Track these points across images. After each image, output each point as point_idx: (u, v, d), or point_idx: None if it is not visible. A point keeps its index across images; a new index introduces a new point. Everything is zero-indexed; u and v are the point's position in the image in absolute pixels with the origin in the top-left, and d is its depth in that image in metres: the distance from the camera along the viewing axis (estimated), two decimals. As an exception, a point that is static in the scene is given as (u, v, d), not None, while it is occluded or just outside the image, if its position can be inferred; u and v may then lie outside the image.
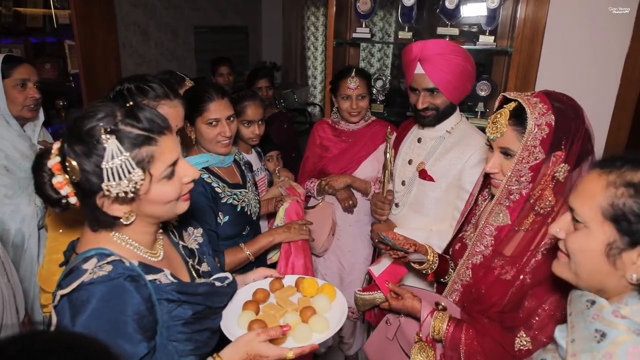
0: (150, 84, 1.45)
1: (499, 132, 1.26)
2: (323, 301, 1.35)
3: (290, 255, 1.97)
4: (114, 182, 0.94)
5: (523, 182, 1.26)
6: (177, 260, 1.25)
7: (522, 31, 2.37)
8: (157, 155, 1.00)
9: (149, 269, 1.07)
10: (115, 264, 0.99)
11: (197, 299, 1.14)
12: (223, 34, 7.41)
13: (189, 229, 1.36)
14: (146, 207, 1.03)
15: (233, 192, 1.87)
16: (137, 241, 1.09)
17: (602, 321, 0.85)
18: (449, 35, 2.60)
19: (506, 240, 1.34)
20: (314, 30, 8.61)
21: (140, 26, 5.66)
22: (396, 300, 1.51)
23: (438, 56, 1.77)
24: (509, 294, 1.29)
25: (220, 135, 1.80)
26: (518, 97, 1.25)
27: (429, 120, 1.91)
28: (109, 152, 0.93)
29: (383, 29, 7.69)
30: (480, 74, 2.71)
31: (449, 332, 1.36)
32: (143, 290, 1.01)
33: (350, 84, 2.33)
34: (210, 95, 1.78)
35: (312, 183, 2.52)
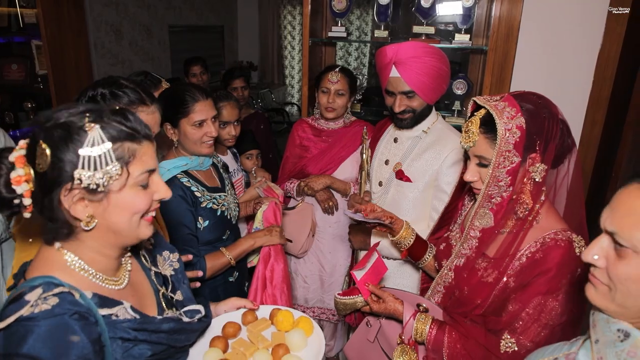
0: (124, 90, 1.38)
1: (471, 141, 1.25)
2: (298, 337, 1.25)
3: (269, 259, 1.93)
4: (87, 172, 0.87)
5: (502, 186, 1.25)
6: (144, 289, 1.14)
7: (497, 29, 2.38)
8: (139, 156, 0.94)
9: (105, 301, 0.96)
10: (62, 297, 0.87)
11: (159, 337, 1.02)
12: (199, 33, 7.31)
13: (164, 253, 1.25)
14: (111, 213, 0.93)
15: (213, 196, 1.84)
16: (94, 266, 0.98)
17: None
18: (424, 34, 2.59)
19: (489, 242, 1.33)
20: (291, 29, 8.57)
21: (113, 26, 5.52)
22: (377, 304, 1.48)
23: (413, 59, 1.75)
24: (491, 296, 1.28)
25: (206, 135, 1.78)
26: (486, 103, 1.24)
27: (406, 122, 1.89)
28: (90, 138, 0.87)
29: (360, 27, 7.70)
30: (456, 73, 2.71)
31: (432, 335, 1.34)
32: (91, 329, 0.89)
33: (331, 77, 2.31)
34: (195, 96, 1.75)
35: (291, 184, 2.49)
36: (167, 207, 1.70)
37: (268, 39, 8.65)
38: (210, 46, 7.65)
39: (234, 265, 1.85)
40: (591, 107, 2.46)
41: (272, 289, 1.90)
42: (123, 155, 0.91)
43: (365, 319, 1.64)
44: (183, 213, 1.72)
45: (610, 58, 2.37)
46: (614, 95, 2.46)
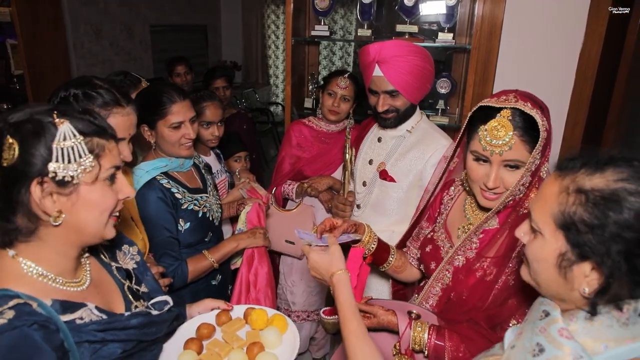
0: (98, 90, 1.32)
1: (507, 145, 1.19)
2: (273, 335, 1.25)
3: (253, 261, 1.89)
4: (62, 164, 0.88)
5: (522, 189, 1.25)
6: (108, 285, 1.12)
7: (480, 28, 2.38)
8: (107, 150, 0.96)
9: (67, 306, 0.94)
10: (19, 309, 0.84)
11: (128, 334, 1.01)
12: (181, 33, 7.22)
13: (123, 247, 1.24)
14: (80, 209, 0.93)
15: (194, 198, 1.79)
16: (53, 270, 0.96)
17: (547, 337, 0.81)
18: (408, 33, 2.58)
19: (492, 242, 1.31)
20: (275, 28, 8.52)
21: (93, 25, 5.42)
22: (369, 320, 1.42)
23: (396, 58, 1.73)
24: (491, 296, 1.26)
25: (184, 137, 1.73)
26: (510, 104, 1.19)
27: (390, 122, 1.87)
28: (61, 132, 0.88)
29: (344, 27, 7.68)
30: (440, 72, 2.71)
31: (432, 342, 1.31)
32: (53, 337, 0.87)
33: (340, 82, 2.31)
34: (172, 97, 1.69)
35: (290, 185, 2.46)
36: (146, 210, 1.65)
37: (252, 38, 8.58)
38: (194, 46, 7.56)
39: (216, 268, 1.81)
40: (573, 106, 2.47)
41: (256, 293, 1.86)
42: (93, 148, 0.93)
43: None
44: (163, 215, 1.68)
45: (591, 58, 2.38)
46: (595, 96, 2.47)
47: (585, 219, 0.76)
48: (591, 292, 0.78)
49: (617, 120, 2.94)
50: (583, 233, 0.77)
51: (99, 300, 1.04)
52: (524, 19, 2.43)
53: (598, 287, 0.77)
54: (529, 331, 0.85)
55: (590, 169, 0.79)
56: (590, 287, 0.78)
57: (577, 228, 0.77)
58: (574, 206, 0.78)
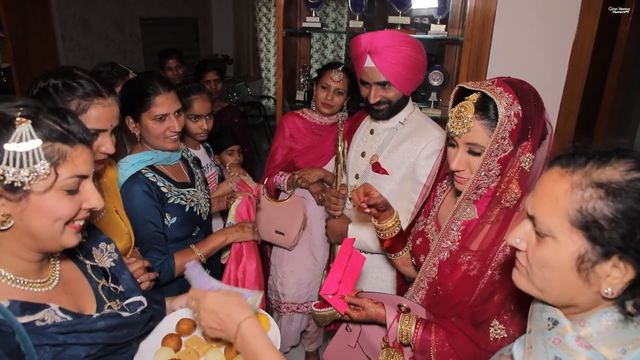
0: (79, 80, 1.28)
1: (465, 127, 1.18)
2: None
3: (242, 257, 1.87)
4: (12, 168, 0.81)
5: (492, 175, 1.22)
6: (80, 286, 1.07)
7: (473, 20, 2.36)
8: (70, 158, 0.88)
9: (27, 307, 0.89)
10: None
11: (94, 337, 0.96)
12: (172, 26, 7.14)
13: (100, 245, 1.18)
14: (31, 216, 0.87)
15: (180, 192, 1.76)
16: (13, 270, 0.91)
17: (564, 348, 0.76)
18: (400, 25, 2.56)
19: (473, 234, 1.29)
20: (266, 21, 8.46)
21: (82, 18, 5.34)
22: (358, 312, 1.42)
23: (388, 48, 1.71)
24: (477, 290, 1.25)
25: (169, 130, 1.69)
26: (481, 88, 1.18)
27: (382, 113, 1.86)
28: (18, 133, 0.82)
29: (335, 20, 7.63)
30: (432, 64, 2.69)
31: (418, 336, 1.30)
32: (7, 341, 0.82)
33: (334, 75, 2.29)
34: (156, 88, 1.65)
35: (281, 177, 2.46)
36: (131, 204, 1.62)
37: (243, 31, 8.51)
38: (185, 39, 7.48)
39: (204, 262, 1.78)
40: (565, 99, 2.47)
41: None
42: (52, 155, 0.86)
43: (345, 324, 1.59)
44: (148, 210, 1.65)
45: (583, 51, 2.37)
46: (587, 88, 2.47)
47: (608, 213, 0.72)
48: (617, 291, 0.74)
49: (609, 114, 2.95)
50: (607, 229, 0.72)
51: (66, 300, 0.99)
52: (517, 11, 2.41)
53: (626, 284, 0.73)
54: (540, 344, 0.80)
55: (597, 162, 0.75)
56: (613, 286, 0.74)
57: (599, 225, 0.72)
58: (592, 202, 0.73)
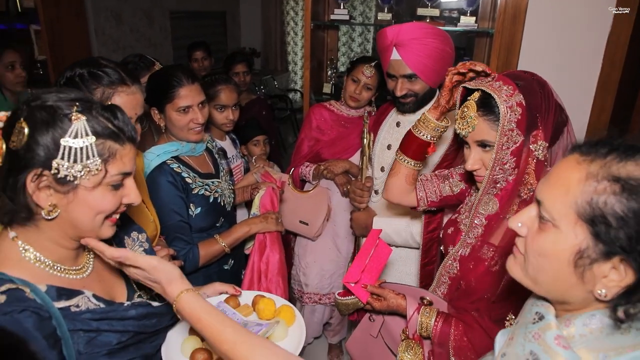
0: (104, 69, 1.32)
1: (470, 126, 1.20)
2: (279, 328, 1.22)
3: (265, 248, 1.89)
4: (66, 163, 0.86)
5: (507, 169, 1.21)
6: (112, 274, 1.11)
7: (504, 11, 2.31)
8: (119, 156, 0.92)
9: (63, 292, 0.93)
10: (11, 295, 0.84)
11: (125, 325, 1.00)
12: (200, 19, 7.22)
13: (132, 234, 1.22)
14: (75, 208, 0.91)
15: (205, 183, 1.79)
16: (51, 257, 0.95)
17: (542, 344, 0.74)
18: (429, 17, 2.53)
19: (494, 228, 1.28)
20: (294, 15, 8.46)
21: (114, 11, 5.46)
22: (379, 302, 1.43)
23: (414, 40, 1.68)
24: (500, 286, 1.23)
25: (193, 122, 1.71)
26: (480, 85, 1.19)
27: (408, 106, 1.84)
28: (74, 129, 0.86)
29: (363, 12, 7.57)
30: (461, 57, 2.65)
31: (437, 328, 1.30)
32: (44, 325, 0.86)
33: (365, 70, 2.29)
34: (180, 80, 1.68)
35: (307, 167, 2.48)
36: (157, 194, 1.65)
37: (271, 25, 8.54)
38: (213, 32, 7.56)
39: (228, 252, 1.81)
40: (599, 93, 2.39)
41: (267, 282, 1.85)
42: (103, 152, 0.90)
43: (368, 314, 1.60)
44: (173, 200, 1.68)
45: (620, 42, 2.29)
46: (623, 80, 2.39)
47: (619, 211, 0.67)
48: (611, 294, 0.70)
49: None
50: (614, 228, 0.68)
51: (99, 288, 1.03)
52: (550, 2, 2.35)
53: (623, 288, 0.69)
54: (521, 336, 0.78)
55: (621, 155, 0.70)
56: (608, 288, 0.70)
57: (607, 221, 0.68)
58: (604, 196, 0.68)
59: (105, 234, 0.99)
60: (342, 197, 2.45)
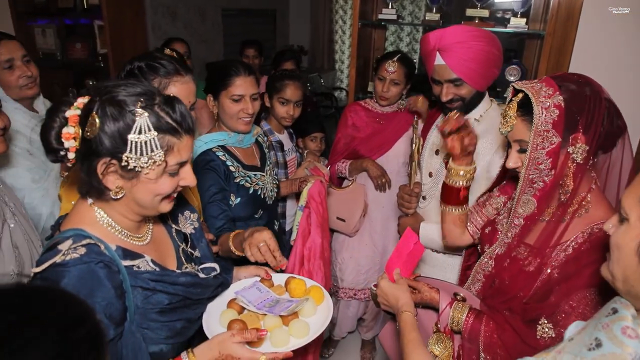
0: (160, 61, 1.44)
1: (508, 125, 1.23)
2: (308, 305, 1.32)
3: (308, 235, 1.93)
4: (134, 156, 0.97)
5: (543, 169, 1.20)
6: (166, 245, 1.24)
7: (557, 12, 2.26)
8: (176, 149, 1.03)
9: (128, 253, 1.06)
10: (89, 248, 0.97)
11: (176, 289, 1.12)
12: (251, 17, 7.38)
13: (185, 212, 1.35)
14: (138, 191, 1.03)
15: (247, 174, 1.86)
16: (120, 224, 1.08)
17: (608, 333, 0.76)
18: (478, 17, 2.51)
19: (531, 229, 1.29)
20: (342, 13, 8.49)
21: (170, 8, 5.68)
22: (413, 295, 1.46)
23: (458, 44, 1.65)
24: (534, 288, 1.24)
25: (243, 112, 1.80)
26: (522, 86, 1.21)
27: None
28: (138, 125, 0.96)
29: (412, 12, 7.51)
30: (510, 58, 2.62)
31: (468, 324, 1.32)
32: (114, 277, 0.99)
33: (388, 67, 2.32)
34: (237, 70, 1.78)
35: (343, 163, 2.53)
36: (199, 176, 1.72)
37: (319, 23, 8.61)
38: (262, 30, 7.70)
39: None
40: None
41: (309, 266, 1.90)
42: (163, 145, 1.00)
43: None
44: (213, 178, 1.75)
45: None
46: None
47: None
48: None
49: None
50: None
51: (155, 255, 1.15)
52: (605, 3, 2.28)
53: None
54: (592, 327, 0.81)
55: None
56: None
57: None
58: None
59: (163, 209, 1.10)
60: (378, 192, 2.48)
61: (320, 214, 1.94)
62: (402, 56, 2.35)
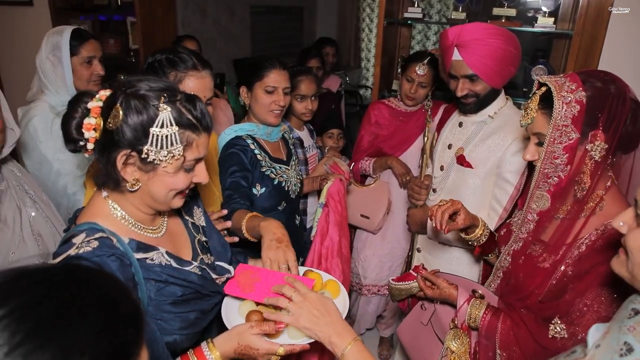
0: (179, 55, 1.50)
1: (529, 117, 1.23)
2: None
3: (326, 234, 1.96)
4: (155, 149, 0.99)
5: (559, 164, 1.21)
6: (182, 237, 1.26)
7: (585, 12, 2.23)
8: (195, 145, 1.05)
9: (141, 246, 1.08)
10: (102, 242, 0.99)
11: (187, 283, 1.15)
12: (278, 14, 7.44)
13: (201, 204, 1.39)
14: (154, 184, 1.05)
15: (272, 165, 1.91)
16: (134, 217, 1.11)
17: (636, 335, 0.76)
18: (504, 17, 2.49)
19: (545, 224, 1.30)
20: (369, 12, 8.47)
21: (200, 5, 5.79)
22: (432, 290, 1.50)
23: (476, 41, 1.68)
24: (548, 285, 1.24)
25: (274, 104, 1.87)
26: (548, 80, 1.21)
27: (469, 107, 1.84)
28: (161, 119, 0.98)
29: (440, 11, 7.44)
30: (537, 58, 2.59)
31: (485, 320, 1.34)
32: (126, 270, 1.01)
33: (418, 69, 2.34)
34: (273, 63, 1.86)
35: (367, 161, 2.56)
36: (224, 158, 1.80)
37: (346, 21, 8.61)
38: (289, 27, 7.76)
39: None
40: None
41: (326, 264, 1.93)
42: (183, 140, 1.02)
43: (420, 302, 1.66)
44: (238, 158, 1.80)
45: None
46: None
47: None
48: None
49: None
50: None
51: (171, 247, 1.18)
52: (636, 3, 2.24)
53: None
54: (616, 330, 0.81)
55: None
56: None
57: None
58: None
59: (175, 205, 1.13)
60: (402, 190, 2.49)
61: (338, 212, 1.97)
62: (431, 59, 2.37)
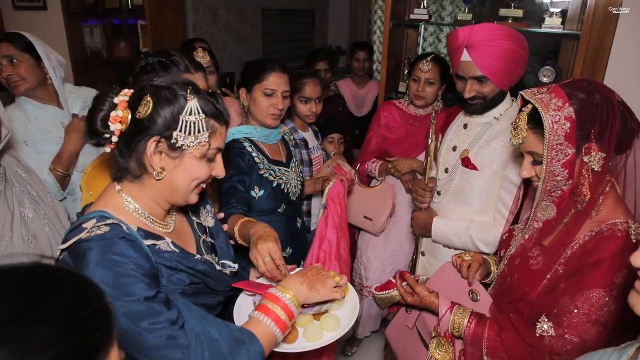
0: (171, 58, 1.51)
1: (519, 137, 1.22)
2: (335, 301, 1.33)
3: (324, 237, 1.94)
4: (183, 134, 1.05)
5: (560, 180, 1.20)
6: (187, 236, 1.29)
7: (593, 12, 2.19)
8: (218, 133, 1.12)
9: (149, 235, 1.11)
10: (112, 227, 1.03)
11: (195, 272, 1.17)
12: (290, 17, 7.47)
13: (207, 206, 1.41)
14: (178, 172, 1.10)
15: (271, 167, 1.90)
16: (147, 210, 1.14)
17: None
18: (511, 17, 2.46)
19: (548, 232, 1.29)
20: (381, 14, 8.44)
21: (211, 8, 5.83)
22: (412, 297, 1.48)
23: (487, 42, 1.66)
24: (542, 285, 1.23)
25: (273, 107, 1.87)
26: (531, 97, 1.19)
27: (475, 108, 1.82)
28: (189, 107, 1.06)
29: (452, 13, 7.40)
30: (545, 59, 2.56)
31: (470, 329, 1.32)
32: (139, 248, 1.03)
33: (422, 66, 2.33)
34: (273, 66, 1.86)
35: (374, 163, 2.55)
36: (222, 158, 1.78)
37: (358, 23, 8.60)
38: (301, 30, 7.79)
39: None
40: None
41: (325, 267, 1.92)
42: (208, 128, 1.09)
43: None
44: (235, 161, 1.79)
45: None
46: None
47: None
48: None
49: None
50: None
51: (177, 242, 1.19)
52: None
53: None
54: None
55: None
56: None
57: None
58: None
59: (192, 200, 1.17)
60: (407, 194, 2.48)
61: (338, 214, 1.95)
62: (435, 56, 2.36)
